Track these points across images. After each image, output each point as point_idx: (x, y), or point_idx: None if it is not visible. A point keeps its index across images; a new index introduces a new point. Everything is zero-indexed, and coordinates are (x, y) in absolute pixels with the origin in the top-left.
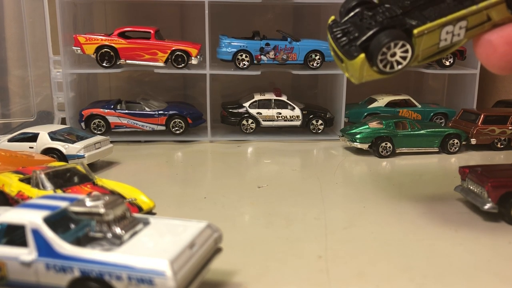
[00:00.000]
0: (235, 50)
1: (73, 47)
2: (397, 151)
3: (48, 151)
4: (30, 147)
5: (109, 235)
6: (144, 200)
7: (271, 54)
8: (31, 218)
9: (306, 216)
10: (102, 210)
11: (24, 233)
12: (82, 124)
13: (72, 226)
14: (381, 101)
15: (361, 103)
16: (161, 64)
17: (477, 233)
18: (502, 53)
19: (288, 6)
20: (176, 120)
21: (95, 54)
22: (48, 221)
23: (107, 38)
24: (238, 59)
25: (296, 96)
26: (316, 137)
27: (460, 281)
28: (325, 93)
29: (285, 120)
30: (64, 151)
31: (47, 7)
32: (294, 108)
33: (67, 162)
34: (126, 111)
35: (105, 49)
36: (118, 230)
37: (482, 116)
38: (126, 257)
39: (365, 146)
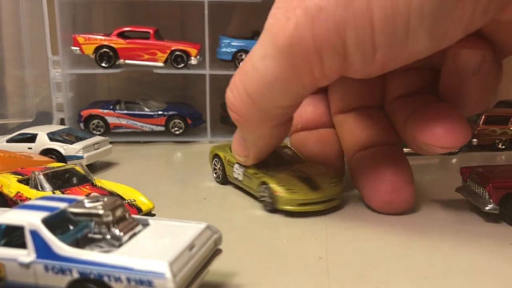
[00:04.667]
0: (235, 50)
1: (72, 47)
2: None
3: (47, 152)
4: (28, 148)
5: (108, 236)
6: (143, 201)
7: None
8: (29, 219)
9: (306, 217)
10: (101, 212)
11: (23, 235)
12: (81, 124)
13: (71, 227)
14: None
15: None
16: (161, 64)
17: (478, 234)
18: None
19: None
20: (176, 120)
21: (94, 54)
22: (46, 222)
23: (106, 38)
24: (238, 59)
25: None
26: None
27: (461, 283)
28: None
29: None
30: (63, 151)
31: (46, 7)
32: None
33: (66, 163)
34: (125, 112)
35: (104, 49)
36: (117, 231)
37: (484, 116)
38: (125, 258)
39: None
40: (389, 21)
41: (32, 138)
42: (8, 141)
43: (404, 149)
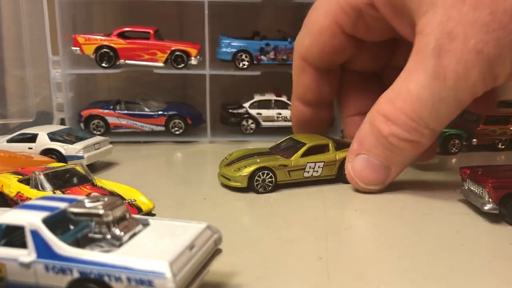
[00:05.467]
0: (235, 50)
1: (72, 47)
2: None
3: (47, 152)
4: (29, 148)
5: (109, 236)
6: (143, 201)
7: (271, 55)
8: (30, 219)
9: (306, 217)
10: (101, 211)
11: (23, 234)
12: (82, 124)
13: (71, 227)
14: None
15: None
16: (161, 64)
17: (478, 234)
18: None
19: (288, 6)
20: (176, 120)
21: (94, 54)
22: (47, 222)
23: (107, 38)
24: (238, 59)
25: None
26: None
27: (461, 282)
28: None
29: (285, 121)
30: (63, 151)
31: (46, 7)
32: None
33: (67, 163)
34: (126, 112)
35: (105, 49)
36: (117, 231)
37: (484, 116)
38: (125, 258)
39: None
40: None
41: (32, 138)
42: (9, 141)
43: None
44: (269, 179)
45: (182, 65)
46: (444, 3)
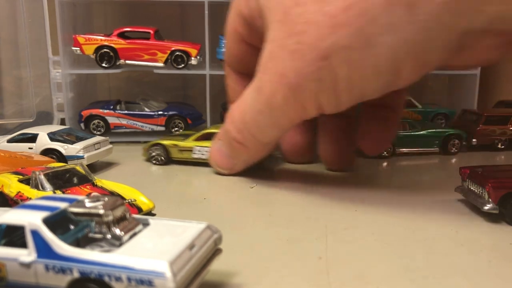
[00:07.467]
0: None
1: (73, 48)
2: (397, 152)
3: (47, 152)
4: (29, 148)
5: (109, 236)
6: (143, 201)
7: None
8: (30, 219)
9: (306, 217)
10: (101, 211)
11: (24, 234)
12: (82, 124)
13: (72, 227)
14: None
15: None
16: (161, 64)
17: (478, 234)
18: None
19: None
20: (176, 120)
21: (94, 54)
22: (47, 222)
23: (107, 38)
24: None
25: None
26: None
27: (461, 282)
28: None
29: None
30: (63, 151)
31: (46, 7)
32: None
33: (67, 162)
34: (126, 112)
35: (105, 50)
36: (117, 231)
37: (484, 116)
38: (125, 258)
39: None
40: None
41: (32, 138)
42: (9, 141)
43: (404, 150)
44: (161, 155)
45: (182, 65)
46: (272, 25)
